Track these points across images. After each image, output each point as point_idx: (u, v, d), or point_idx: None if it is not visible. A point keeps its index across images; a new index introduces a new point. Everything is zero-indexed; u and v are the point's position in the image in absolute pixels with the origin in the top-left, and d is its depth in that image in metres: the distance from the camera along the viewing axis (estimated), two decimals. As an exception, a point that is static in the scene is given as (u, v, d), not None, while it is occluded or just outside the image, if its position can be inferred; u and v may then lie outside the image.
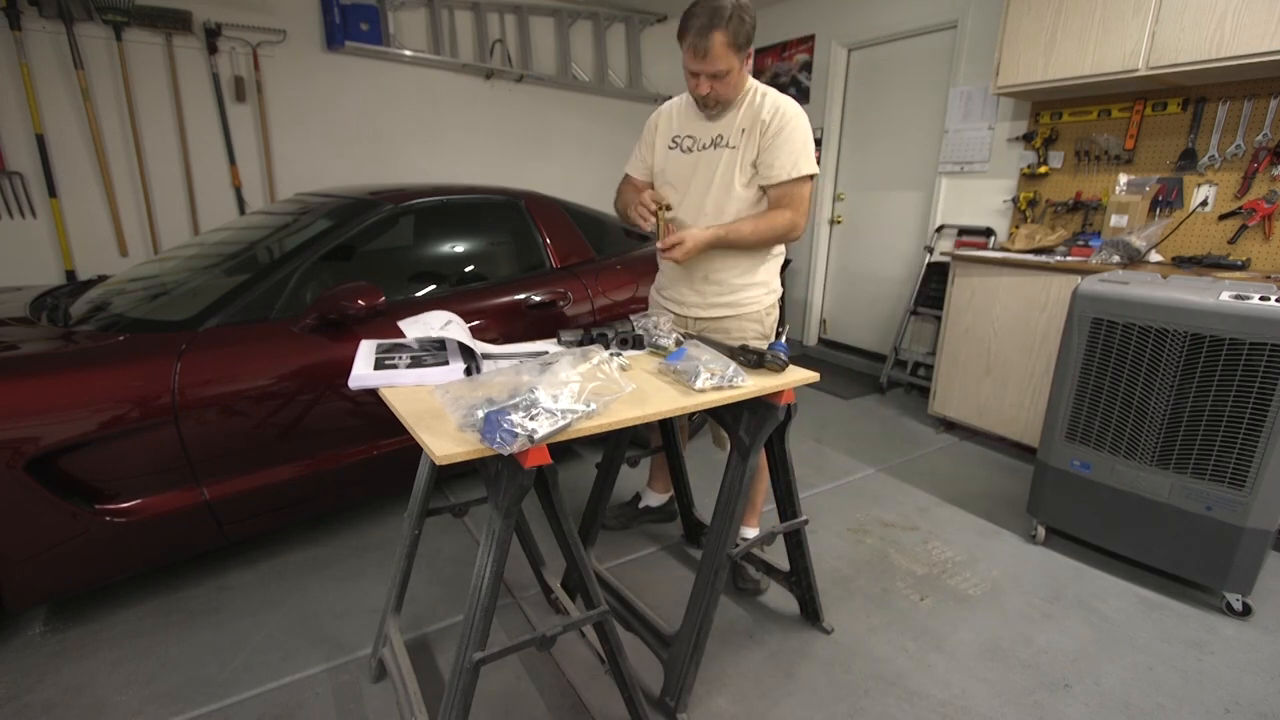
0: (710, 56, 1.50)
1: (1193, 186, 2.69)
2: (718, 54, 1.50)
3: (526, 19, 4.28)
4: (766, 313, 1.79)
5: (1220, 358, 1.73)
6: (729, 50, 1.50)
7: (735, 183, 1.66)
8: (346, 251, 2.07)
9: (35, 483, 1.43)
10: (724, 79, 1.55)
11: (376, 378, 1.27)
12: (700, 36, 1.49)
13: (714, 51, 1.49)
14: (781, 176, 1.62)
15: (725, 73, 1.53)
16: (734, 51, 1.51)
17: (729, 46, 1.49)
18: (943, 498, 2.51)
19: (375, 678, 1.53)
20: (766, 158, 1.61)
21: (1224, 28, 2.25)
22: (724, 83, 1.56)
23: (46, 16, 2.92)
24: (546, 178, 4.55)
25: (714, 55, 1.50)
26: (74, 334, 1.71)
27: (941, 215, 3.73)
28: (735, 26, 1.48)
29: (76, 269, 3.20)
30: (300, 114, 3.67)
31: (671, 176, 1.77)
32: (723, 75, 1.54)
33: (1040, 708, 1.49)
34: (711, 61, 1.51)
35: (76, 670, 1.55)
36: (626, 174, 1.92)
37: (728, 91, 1.59)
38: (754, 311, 1.77)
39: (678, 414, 1.23)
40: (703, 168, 1.70)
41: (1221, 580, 1.82)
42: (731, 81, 1.57)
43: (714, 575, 1.41)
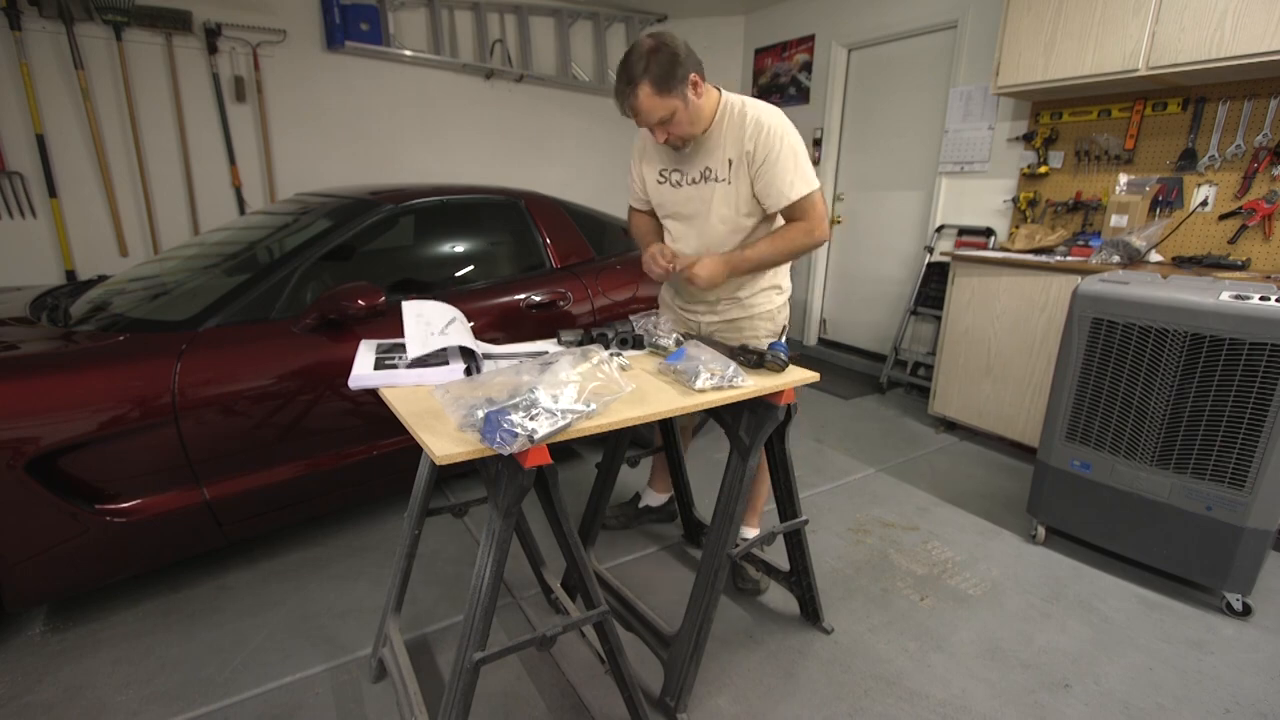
0: (643, 111, 1.46)
1: (1193, 186, 2.69)
2: (648, 106, 1.45)
3: (526, 19, 4.28)
4: (778, 311, 1.78)
5: (1220, 358, 1.73)
6: (658, 97, 1.44)
7: (735, 215, 1.63)
8: (346, 251, 2.07)
9: (35, 483, 1.43)
10: (672, 122, 1.50)
11: (376, 378, 1.27)
12: (624, 97, 1.46)
13: (643, 105, 1.45)
14: (784, 202, 1.57)
15: (669, 117, 1.48)
16: (666, 95, 1.44)
17: (656, 95, 1.44)
18: (943, 498, 2.51)
19: (375, 678, 1.53)
20: (762, 186, 1.57)
21: (1224, 28, 2.25)
22: (676, 124, 1.51)
23: (46, 16, 2.92)
24: (546, 178, 4.55)
25: (646, 108, 1.45)
26: (74, 334, 1.71)
27: (941, 215, 3.73)
28: (655, 72, 1.42)
29: (76, 269, 3.20)
30: (300, 114, 3.67)
31: (670, 210, 1.74)
32: (669, 119, 1.49)
33: (1040, 708, 1.49)
34: (646, 115, 1.47)
35: (76, 670, 1.55)
36: (630, 206, 1.90)
37: (685, 130, 1.53)
38: (765, 311, 1.76)
39: (678, 414, 1.22)
40: (698, 202, 1.66)
41: (1221, 580, 1.82)
42: (683, 120, 1.51)
43: (714, 575, 1.41)
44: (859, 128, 4.27)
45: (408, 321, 1.38)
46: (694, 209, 1.67)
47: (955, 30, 3.54)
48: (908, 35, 3.84)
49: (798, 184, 1.55)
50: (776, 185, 1.55)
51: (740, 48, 4.90)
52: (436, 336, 1.32)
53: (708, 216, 1.65)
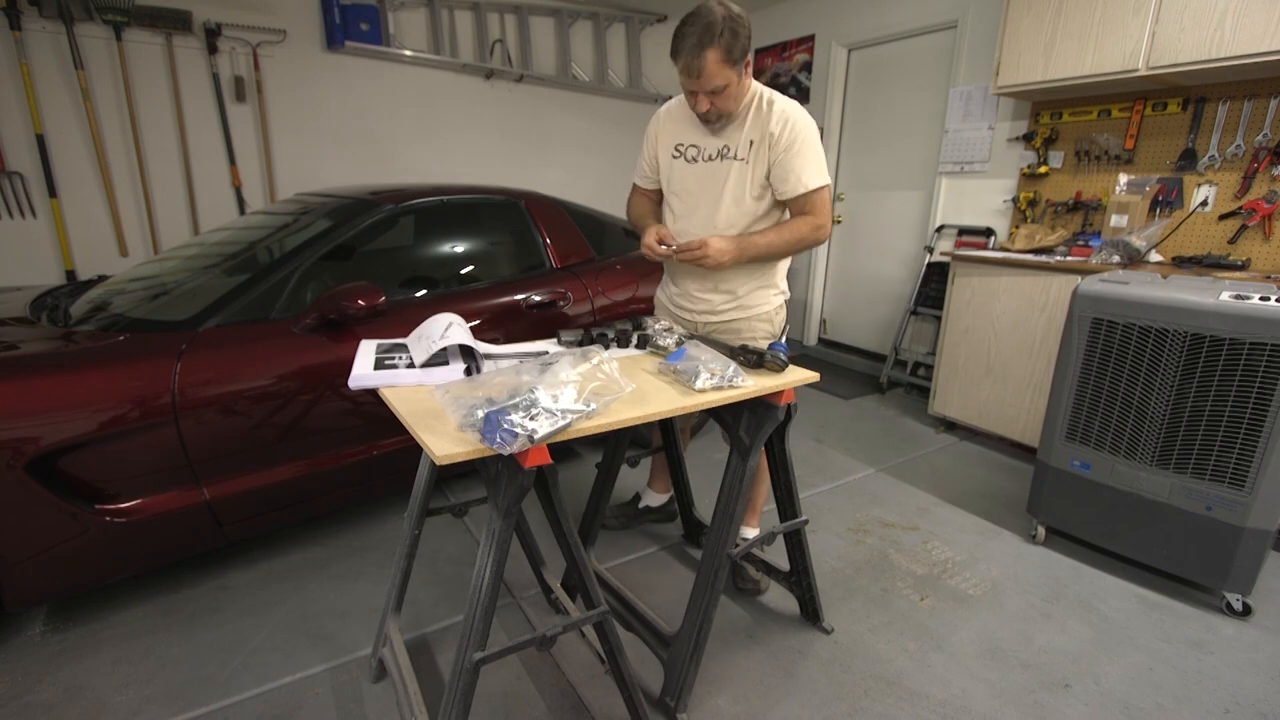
0: (705, 75, 1.46)
1: (1193, 186, 2.69)
2: (712, 71, 1.46)
3: (526, 19, 4.28)
4: (776, 312, 1.78)
5: (1220, 358, 1.73)
6: (724, 66, 1.46)
7: (746, 196, 1.64)
8: (346, 251, 2.07)
9: (35, 483, 1.43)
10: (722, 94, 1.51)
11: (376, 378, 1.27)
12: (693, 56, 1.45)
13: (709, 69, 1.45)
14: (799, 190, 1.59)
15: (723, 88, 1.50)
16: (729, 66, 1.46)
17: (723, 62, 1.45)
18: (943, 498, 2.51)
19: (375, 678, 1.53)
20: (780, 172, 1.58)
21: (1224, 28, 2.25)
22: (723, 97, 1.52)
23: (46, 16, 2.92)
24: (546, 178, 4.54)
25: (709, 73, 1.46)
26: (74, 334, 1.71)
27: (941, 215, 3.73)
28: (728, 41, 1.43)
29: (76, 269, 3.20)
30: (300, 114, 3.67)
31: (678, 187, 1.74)
32: (720, 90, 1.50)
33: (1040, 708, 1.49)
34: (707, 79, 1.47)
35: (76, 670, 1.55)
36: (634, 184, 1.89)
37: (728, 105, 1.55)
38: (764, 312, 1.76)
39: (678, 414, 1.22)
40: (710, 180, 1.66)
41: (1221, 580, 1.82)
42: (731, 95, 1.53)
43: (714, 575, 1.41)
44: (859, 128, 4.27)
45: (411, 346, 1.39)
46: (705, 185, 1.68)
47: (955, 30, 3.54)
48: (908, 35, 3.84)
49: (816, 175, 1.59)
50: (795, 172, 1.57)
51: (740, 48, 4.89)
52: (437, 341, 1.32)
53: (719, 194, 1.65)
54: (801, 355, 4.68)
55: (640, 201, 1.87)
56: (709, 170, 1.67)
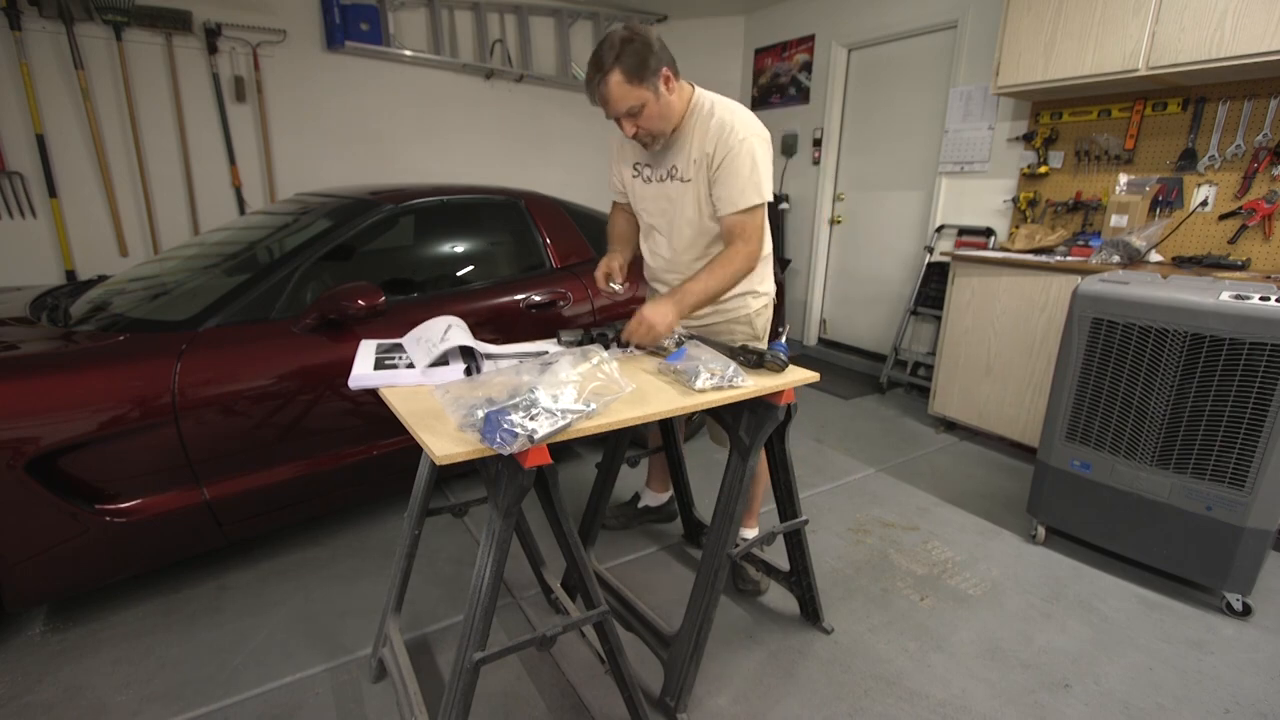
0: (610, 99, 1.42)
1: (1193, 186, 2.69)
2: (617, 94, 1.40)
3: (526, 19, 4.28)
4: (756, 314, 1.74)
5: (1220, 358, 1.73)
6: (629, 86, 1.40)
7: (702, 217, 1.59)
8: (346, 251, 2.07)
9: (35, 483, 1.43)
10: (641, 114, 1.45)
11: (376, 378, 1.27)
12: (595, 87, 1.42)
13: (612, 92, 1.40)
14: (727, 209, 1.51)
15: (639, 108, 1.43)
16: (637, 84, 1.40)
17: (627, 82, 1.39)
18: (943, 498, 2.51)
19: (375, 678, 1.53)
20: (716, 190, 1.52)
21: (1224, 28, 2.25)
22: (645, 118, 1.46)
23: (46, 16, 2.92)
24: (546, 178, 4.54)
25: (614, 96, 1.41)
26: (74, 334, 1.71)
27: (941, 215, 3.73)
28: (627, 60, 1.38)
29: (76, 269, 3.20)
30: (300, 114, 3.67)
31: (642, 206, 1.72)
32: (638, 111, 1.44)
33: (1040, 708, 1.49)
34: (614, 103, 1.42)
35: (76, 670, 1.55)
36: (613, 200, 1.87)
37: (655, 125, 1.48)
38: (742, 315, 1.73)
39: (678, 414, 1.22)
40: (665, 202, 1.64)
41: (1221, 580, 1.82)
42: (653, 114, 1.46)
43: (714, 575, 1.41)
44: (859, 128, 4.27)
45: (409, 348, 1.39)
46: (661, 207, 1.65)
47: (955, 30, 3.54)
48: (908, 35, 3.84)
49: (748, 193, 1.49)
50: (727, 190, 1.50)
51: (740, 48, 4.90)
52: (438, 345, 1.32)
53: (674, 217, 1.63)
54: (801, 355, 4.68)
55: (616, 220, 1.84)
56: (662, 191, 1.63)
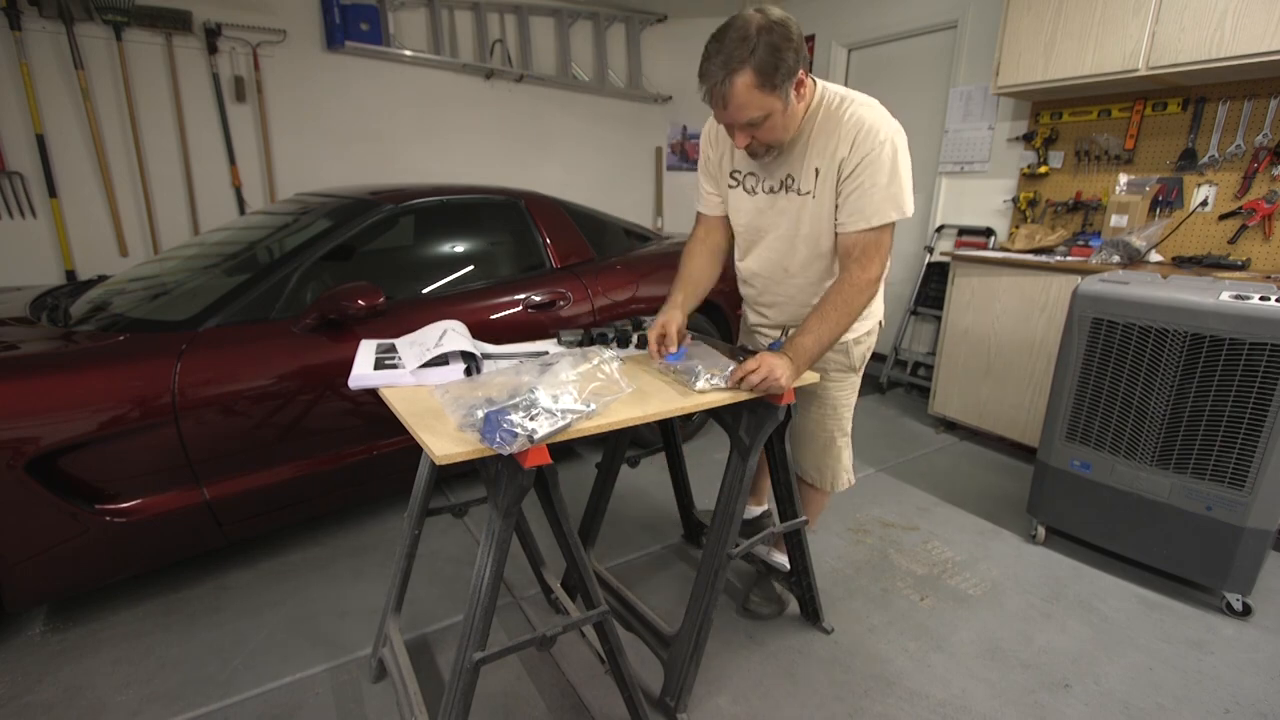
0: (734, 105, 1.15)
1: (1193, 186, 2.69)
2: (743, 101, 1.14)
3: (526, 19, 4.28)
4: (855, 342, 1.51)
5: (1220, 358, 1.73)
6: (759, 92, 1.13)
7: (823, 238, 1.35)
8: (346, 251, 2.07)
9: (35, 483, 1.44)
10: (763, 125, 1.19)
11: (376, 378, 1.27)
12: (716, 81, 1.14)
13: (737, 98, 1.13)
14: (853, 225, 1.27)
15: (762, 119, 1.18)
16: (768, 92, 1.13)
17: (758, 88, 1.12)
18: (943, 498, 2.51)
19: (375, 678, 1.53)
20: (845, 201, 1.27)
21: (1224, 28, 2.25)
22: (766, 129, 1.20)
23: (46, 16, 2.92)
24: (546, 178, 4.54)
25: (738, 103, 1.14)
26: (74, 334, 1.71)
27: (941, 215, 3.73)
28: (763, 59, 1.10)
29: (76, 269, 3.20)
30: (300, 114, 3.67)
31: (744, 221, 1.45)
32: (759, 123, 1.18)
33: (1040, 708, 1.49)
34: (737, 111, 1.16)
35: (76, 670, 1.55)
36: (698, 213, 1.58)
37: (774, 136, 1.23)
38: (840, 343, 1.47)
39: (677, 414, 1.22)
40: (775, 216, 1.38)
41: (1221, 580, 1.82)
42: (776, 125, 1.20)
43: (714, 575, 1.41)
44: (859, 128, 4.27)
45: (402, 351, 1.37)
46: (770, 221, 1.39)
47: (955, 30, 3.54)
48: (908, 35, 3.84)
49: (884, 207, 1.25)
50: (858, 203, 1.26)
51: (740, 48, 4.89)
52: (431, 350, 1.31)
53: (790, 236, 1.37)
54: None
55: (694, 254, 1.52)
56: (771, 204, 1.37)
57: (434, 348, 1.31)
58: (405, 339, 1.43)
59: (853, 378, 1.58)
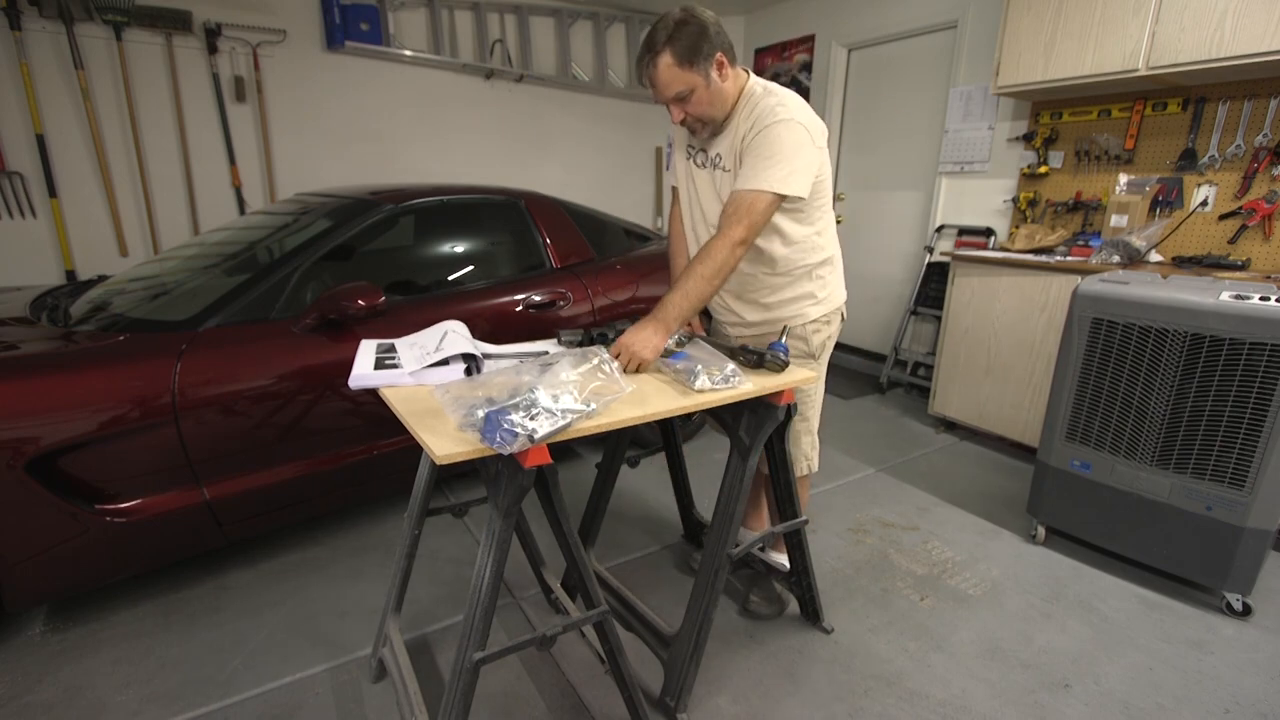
0: (659, 82, 1.37)
1: (1193, 186, 2.69)
2: (666, 78, 1.36)
3: (526, 19, 4.28)
4: (813, 330, 1.61)
5: (1220, 358, 1.73)
6: (679, 69, 1.34)
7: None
8: (346, 251, 2.07)
9: (35, 483, 1.44)
10: (690, 99, 1.39)
11: (376, 377, 1.27)
12: (643, 64, 1.38)
13: (660, 75, 1.36)
14: (736, 185, 1.40)
15: (688, 93, 1.38)
16: (687, 68, 1.34)
17: (677, 66, 1.34)
18: (943, 498, 2.51)
19: (375, 678, 1.53)
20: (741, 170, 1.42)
21: (1224, 28, 2.25)
22: (694, 103, 1.40)
23: (46, 16, 2.92)
24: (546, 178, 4.54)
25: (662, 80, 1.36)
26: (74, 334, 1.71)
27: (941, 215, 3.73)
28: (680, 42, 1.33)
29: (76, 269, 3.20)
30: (300, 114, 3.67)
31: (692, 195, 1.62)
32: (686, 96, 1.38)
33: (1040, 708, 1.49)
34: (663, 86, 1.38)
35: (76, 670, 1.55)
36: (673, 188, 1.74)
37: (703, 110, 1.41)
38: (795, 327, 1.60)
39: (677, 414, 1.22)
40: (707, 188, 1.56)
41: (1221, 580, 1.82)
42: (702, 100, 1.39)
43: (714, 575, 1.41)
44: (859, 128, 4.27)
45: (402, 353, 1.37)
46: (703, 193, 1.57)
47: (955, 30, 3.54)
48: (908, 35, 3.84)
49: (760, 172, 1.36)
50: (744, 169, 1.39)
51: (740, 48, 4.90)
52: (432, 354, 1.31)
53: (712, 206, 1.53)
54: (801, 355, 4.66)
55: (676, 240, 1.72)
56: (706, 178, 1.56)
57: (434, 351, 1.31)
58: (405, 340, 1.43)
59: (812, 364, 1.66)
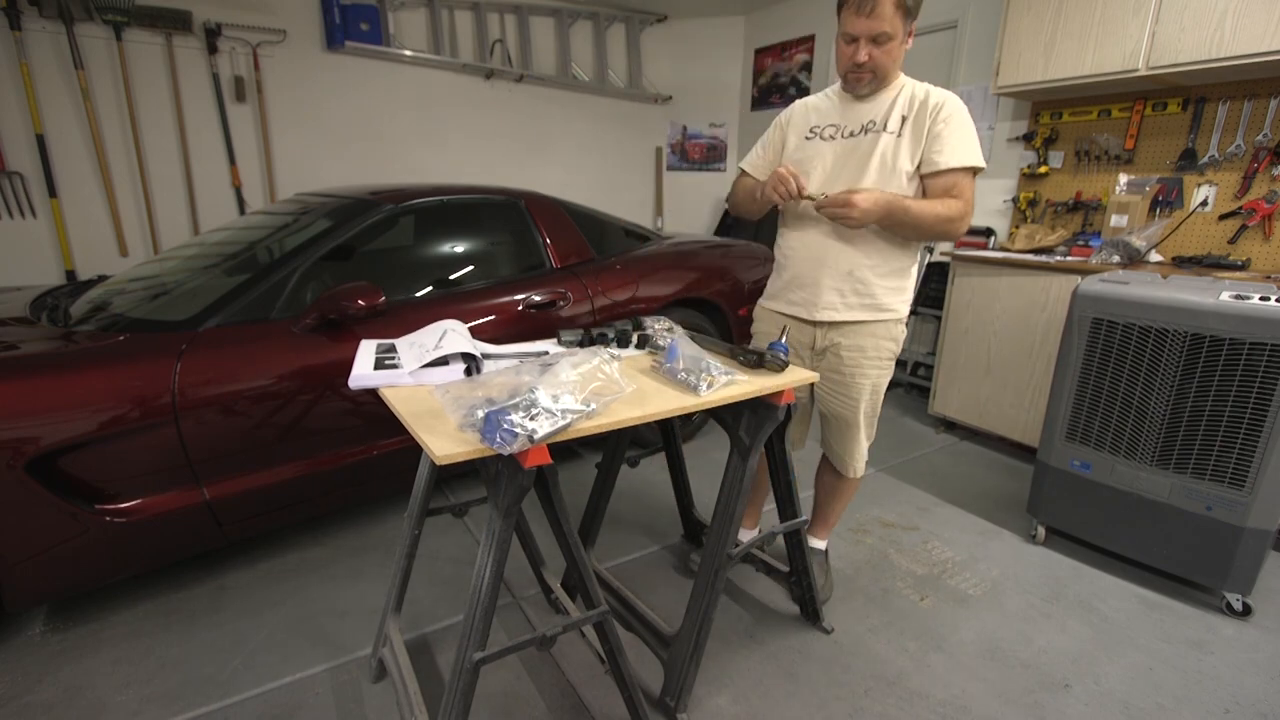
0: (876, 14, 1.37)
1: (1193, 186, 2.69)
2: (884, 12, 1.36)
3: (526, 19, 4.28)
4: (901, 327, 1.65)
5: (1220, 358, 1.73)
6: (897, 12, 1.37)
7: (899, 170, 1.49)
8: (346, 251, 2.07)
9: (35, 483, 1.43)
10: (885, 45, 1.41)
11: (376, 378, 1.27)
12: None
13: (881, 9, 1.36)
14: (952, 163, 1.45)
15: (889, 37, 1.39)
16: (901, 15, 1.38)
17: (898, 9, 1.37)
18: (943, 498, 2.51)
19: (375, 678, 1.53)
20: (936, 144, 1.46)
21: (1224, 28, 2.25)
22: (885, 50, 1.41)
23: (46, 16, 2.92)
24: (546, 178, 4.55)
25: (880, 13, 1.36)
26: (74, 334, 1.71)
27: (941, 215, 3.72)
28: None
29: (76, 269, 3.20)
30: (300, 114, 3.67)
31: (812, 165, 1.59)
32: (884, 41, 1.40)
33: (1040, 708, 1.49)
34: (877, 20, 1.37)
35: (76, 670, 1.55)
36: (742, 169, 1.77)
37: (887, 61, 1.43)
38: (893, 320, 1.61)
39: (677, 414, 1.22)
40: (853, 154, 1.54)
41: (1221, 580, 1.82)
42: (892, 51, 1.42)
43: (714, 575, 1.41)
44: (859, 128, 4.27)
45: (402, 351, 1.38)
46: (846, 160, 1.55)
47: (955, 30, 3.54)
48: (908, 35, 3.84)
49: (976, 152, 1.47)
50: (954, 144, 1.45)
51: (740, 48, 4.90)
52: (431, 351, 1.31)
53: (864, 166, 1.52)
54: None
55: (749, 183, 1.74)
56: (851, 146, 1.54)
57: (434, 350, 1.31)
58: (405, 339, 1.43)
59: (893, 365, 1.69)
